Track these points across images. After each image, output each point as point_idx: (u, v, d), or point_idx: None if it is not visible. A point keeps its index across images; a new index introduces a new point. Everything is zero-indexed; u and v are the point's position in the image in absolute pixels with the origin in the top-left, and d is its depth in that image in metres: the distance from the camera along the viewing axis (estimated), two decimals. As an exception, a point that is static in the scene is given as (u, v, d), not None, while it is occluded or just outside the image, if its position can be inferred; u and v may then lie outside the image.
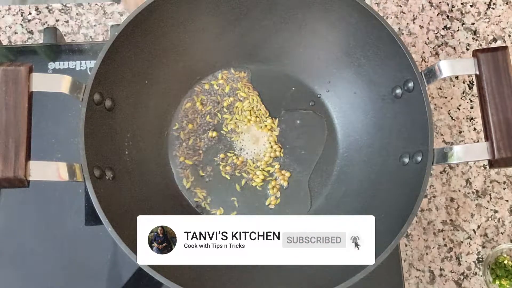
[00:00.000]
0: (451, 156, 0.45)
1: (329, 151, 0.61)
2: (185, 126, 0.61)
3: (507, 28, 0.69)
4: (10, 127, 0.41)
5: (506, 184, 0.65)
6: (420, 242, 0.63)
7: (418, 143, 0.49)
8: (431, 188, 0.64)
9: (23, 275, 0.58)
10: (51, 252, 0.59)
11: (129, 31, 0.51)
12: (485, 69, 0.44)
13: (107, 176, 0.49)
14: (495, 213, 0.64)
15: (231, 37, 0.60)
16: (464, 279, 0.62)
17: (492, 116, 0.43)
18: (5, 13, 0.69)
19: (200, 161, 0.60)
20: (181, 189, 0.60)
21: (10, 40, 0.68)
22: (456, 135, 0.66)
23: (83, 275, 0.58)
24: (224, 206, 0.60)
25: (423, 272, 0.62)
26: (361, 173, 0.58)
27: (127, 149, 0.55)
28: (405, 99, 0.52)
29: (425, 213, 0.64)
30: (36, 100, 0.43)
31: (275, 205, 0.60)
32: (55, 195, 0.60)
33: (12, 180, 0.40)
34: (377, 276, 0.55)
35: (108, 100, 0.51)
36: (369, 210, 0.55)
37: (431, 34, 0.69)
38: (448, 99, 0.67)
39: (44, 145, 0.60)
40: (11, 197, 0.60)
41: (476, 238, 0.63)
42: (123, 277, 0.58)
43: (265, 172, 0.60)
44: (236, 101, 0.62)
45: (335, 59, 0.59)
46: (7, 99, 0.41)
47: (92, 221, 0.59)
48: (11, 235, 0.59)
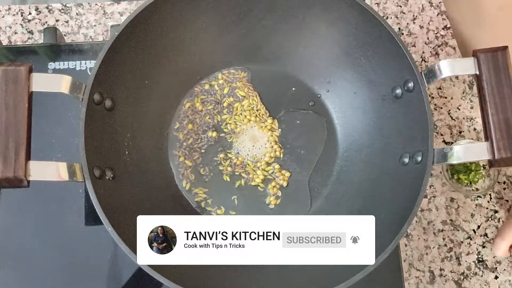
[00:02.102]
0: (451, 156, 0.45)
1: (329, 151, 0.61)
2: (185, 126, 0.61)
3: (507, 28, 0.69)
4: (10, 127, 0.41)
5: (506, 184, 0.65)
6: (420, 242, 0.63)
7: (418, 143, 0.49)
8: (431, 188, 0.64)
9: (23, 275, 0.58)
10: (51, 252, 0.59)
11: (129, 31, 0.51)
12: (485, 69, 0.44)
13: (107, 176, 0.49)
14: (495, 213, 0.64)
15: (231, 37, 0.60)
16: (464, 279, 0.62)
17: (492, 116, 0.43)
18: (5, 13, 0.69)
19: (200, 161, 0.60)
20: (181, 189, 0.60)
21: (10, 40, 0.68)
22: (456, 135, 0.66)
23: (83, 275, 0.58)
24: (224, 206, 0.60)
25: (423, 272, 0.62)
26: (361, 173, 0.58)
27: (127, 149, 0.55)
28: (405, 99, 0.52)
29: (425, 213, 0.64)
30: (36, 100, 0.43)
31: (275, 205, 0.60)
32: (55, 195, 0.60)
33: (12, 180, 0.40)
34: (377, 276, 0.55)
35: (108, 100, 0.51)
36: (369, 210, 0.54)
37: (431, 34, 0.69)
38: (448, 99, 0.67)
39: (44, 145, 0.60)
40: (11, 197, 0.60)
41: (476, 238, 0.63)
42: (123, 277, 0.58)
43: (265, 172, 0.60)
44: (236, 101, 0.62)
45: (335, 59, 0.59)
46: (7, 99, 0.41)
47: (92, 221, 0.59)
48: (11, 235, 0.59)
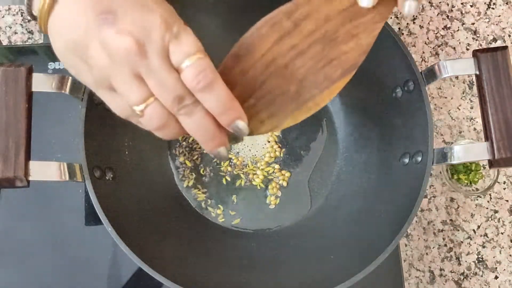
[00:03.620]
0: (451, 156, 0.45)
1: (329, 151, 0.61)
2: (185, 126, 0.61)
3: (507, 28, 0.69)
4: (10, 127, 0.41)
5: (506, 184, 0.65)
6: (420, 242, 0.63)
7: (418, 143, 0.49)
8: (431, 188, 0.64)
9: (23, 275, 0.58)
10: (51, 252, 0.59)
11: (129, 31, 0.51)
12: (485, 69, 0.44)
13: (107, 176, 0.49)
14: (495, 213, 0.64)
15: (231, 37, 0.60)
16: (464, 279, 0.62)
17: (492, 116, 0.43)
18: (5, 13, 0.69)
19: (200, 161, 0.60)
20: (181, 189, 0.60)
21: (10, 40, 0.68)
22: (456, 135, 0.66)
23: (83, 275, 0.58)
24: (224, 206, 0.60)
25: (423, 272, 0.62)
26: (361, 173, 0.58)
27: (127, 149, 0.55)
28: (405, 99, 0.52)
29: (425, 213, 0.64)
30: (36, 100, 0.43)
31: (275, 205, 0.60)
32: (55, 195, 0.60)
33: (12, 180, 0.40)
34: (377, 276, 0.56)
35: (108, 100, 0.51)
36: (369, 210, 0.55)
37: (431, 34, 0.69)
38: (448, 99, 0.67)
39: (44, 145, 0.60)
40: (11, 197, 0.60)
41: (476, 238, 0.63)
42: (123, 277, 0.58)
43: (265, 172, 0.60)
44: (236, 101, 0.62)
45: (335, 59, 0.59)
46: (7, 99, 0.41)
47: (92, 221, 0.59)
48: (11, 235, 0.59)
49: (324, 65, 0.40)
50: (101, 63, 0.33)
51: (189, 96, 0.34)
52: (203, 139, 0.36)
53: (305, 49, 0.39)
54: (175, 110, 0.34)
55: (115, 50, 0.32)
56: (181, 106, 0.34)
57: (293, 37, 0.39)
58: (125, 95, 0.34)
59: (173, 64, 0.34)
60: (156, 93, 0.34)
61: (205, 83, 0.34)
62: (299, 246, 0.57)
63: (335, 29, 0.40)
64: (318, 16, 0.39)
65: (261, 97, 0.39)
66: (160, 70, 0.33)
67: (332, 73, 0.40)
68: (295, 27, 0.39)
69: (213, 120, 0.35)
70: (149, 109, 0.34)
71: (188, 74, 0.33)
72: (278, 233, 0.59)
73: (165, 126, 0.35)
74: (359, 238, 0.52)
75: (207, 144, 0.37)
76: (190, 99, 0.34)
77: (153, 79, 0.33)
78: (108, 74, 0.34)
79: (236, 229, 0.59)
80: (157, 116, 0.34)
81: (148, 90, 0.34)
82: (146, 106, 0.34)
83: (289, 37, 0.39)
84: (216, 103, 0.35)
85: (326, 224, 0.58)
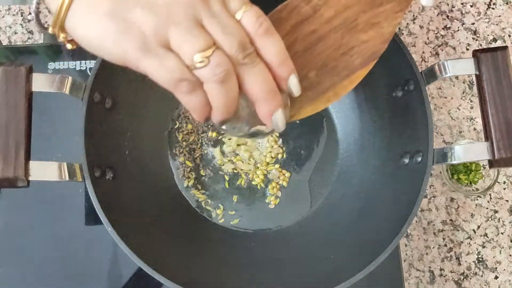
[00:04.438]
0: (451, 156, 0.45)
1: (329, 151, 0.61)
2: (185, 126, 0.61)
3: (507, 28, 0.69)
4: (10, 127, 0.41)
5: (506, 184, 0.65)
6: (420, 242, 0.63)
7: (418, 143, 0.49)
8: (431, 188, 0.64)
9: (23, 275, 0.58)
10: (51, 252, 0.59)
11: (129, 31, 0.51)
12: (485, 69, 0.44)
13: (107, 175, 0.49)
14: (495, 213, 0.64)
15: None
16: (464, 279, 0.62)
17: (492, 116, 0.43)
18: (5, 13, 0.69)
19: (200, 161, 0.60)
20: (181, 189, 0.60)
21: (10, 40, 0.68)
22: (456, 135, 0.66)
23: (83, 275, 0.58)
24: (224, 206, 0.60)
25: (423, 272, 0.62)
26: (361, 173, 0.58)
27: (127, 149, 0.55)
28: (405, 99, 0.52)
29: (425, 213, 0.64)
30: (36, 100, 0.43)
31: (275, 205, 0.60)
32: (55, 195, 0.60)
33: (12, 180, 0.40)
34: (377, 276, 0.56)
35: (108, 99, 0.51)
36: (369, 210, 0.55)
37: (431, 34, 0.69)
38: (448, 99, 0.67)
39: (44, 145, 0.60)
40: (11, 197, 0.60)
41: (476, 238, 0.63)
42: (123, 277, 0.58)
43: (265, 172, 0.60)
44: (236, 101, 0.62)
45: (335, 59, 0.59)
46: (7, 99, 0.41)
47: (92, 221, 0.59)
48: (11, 235, 0.59)
49: (344, 52, 0.40)
50: (157, 14, 0.32)
51: (250, 44, 0.34)
52: (264, 96, 0.35)
53: (324, 35, 0.39)
54: (240, 57, 0.33)
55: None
56: (246, 54, 0.33)
57: (312, 22, 0.39)
58: (189, 44, 0.32)
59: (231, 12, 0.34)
60: (220, 39, 0.33)
61: (267, 26, 0.34)
62: (299, 246, 0.57)
63: (355, 17, 0.39)
64: (338, 3, 0.39)
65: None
66: (222, 15, 0.33)
67: (353, 61, 0.40)
68: (314, 12, 0.39)
69: (272, 76, 0.35)
70: (214, 56, 0.33)
71: (249, 19, 0.33)
72: (278, 233, 0.59)
73: (228, 79, 0.33)
74: (359, 238, 0.52)
75: (267, 104, 0.35)
76: (251, 47, 0.34)
77: (217, 24, 0.33)
78: (167, 25, 0.32)
79: (236, 229, 0.59)
80: (223, 63, 0.33)
81: (210, 38, 0.33)
82: (212, 52, 0.32)
83: (308, 22, 0.39)
84: (277, 49, 0.34)
85: (326, 224, 0.58)
